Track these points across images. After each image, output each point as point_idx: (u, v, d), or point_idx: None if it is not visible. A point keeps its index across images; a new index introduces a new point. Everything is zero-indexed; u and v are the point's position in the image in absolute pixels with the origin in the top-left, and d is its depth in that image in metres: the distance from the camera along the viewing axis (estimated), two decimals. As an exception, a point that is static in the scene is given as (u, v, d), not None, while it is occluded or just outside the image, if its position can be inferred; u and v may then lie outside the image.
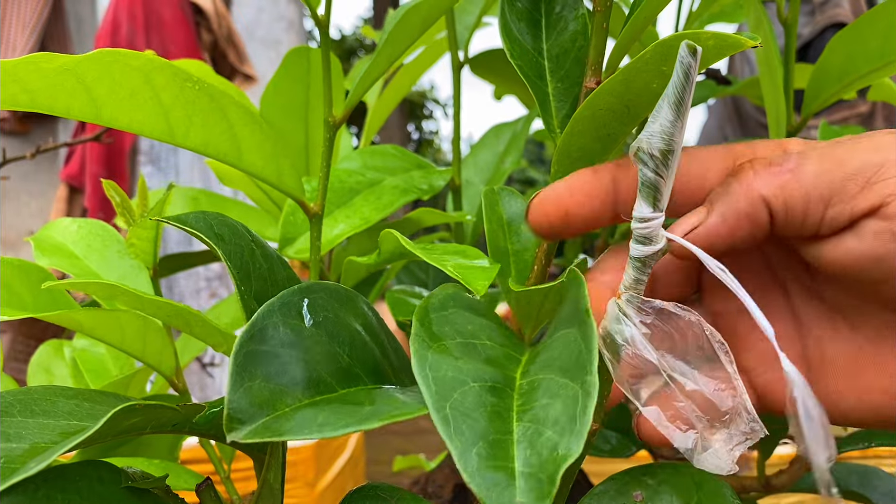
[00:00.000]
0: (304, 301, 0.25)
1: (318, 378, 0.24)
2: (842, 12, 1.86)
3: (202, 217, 0.30)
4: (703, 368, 0.24)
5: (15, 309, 0.36)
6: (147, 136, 0.30)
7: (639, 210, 0.23)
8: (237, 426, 0.21)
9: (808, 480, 0.47)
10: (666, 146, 0.22)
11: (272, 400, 0.22)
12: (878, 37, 0.41)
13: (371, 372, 0.26)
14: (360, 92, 0.36)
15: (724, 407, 0.24)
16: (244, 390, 0.21)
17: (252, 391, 0.22)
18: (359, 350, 0.26)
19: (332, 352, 0.25)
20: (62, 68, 0.27)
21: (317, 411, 0.22)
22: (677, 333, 0.24)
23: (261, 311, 0.24)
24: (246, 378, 0.22)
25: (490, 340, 0.25)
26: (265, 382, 0.22)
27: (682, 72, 0.21)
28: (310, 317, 0.25)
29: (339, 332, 0.26)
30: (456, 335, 0.24)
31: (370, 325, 0.28)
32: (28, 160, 0.71)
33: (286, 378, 0.23)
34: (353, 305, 0.28)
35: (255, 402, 0.21)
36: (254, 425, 0.21)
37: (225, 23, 2.33)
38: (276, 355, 0.23)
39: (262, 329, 0.23)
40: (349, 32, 11.89)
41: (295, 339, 0.24)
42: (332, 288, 0.27)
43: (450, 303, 0.26)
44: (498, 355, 0.24)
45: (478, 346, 0.24)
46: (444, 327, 0.24)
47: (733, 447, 0.23)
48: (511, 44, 0.34)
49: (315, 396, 0.23)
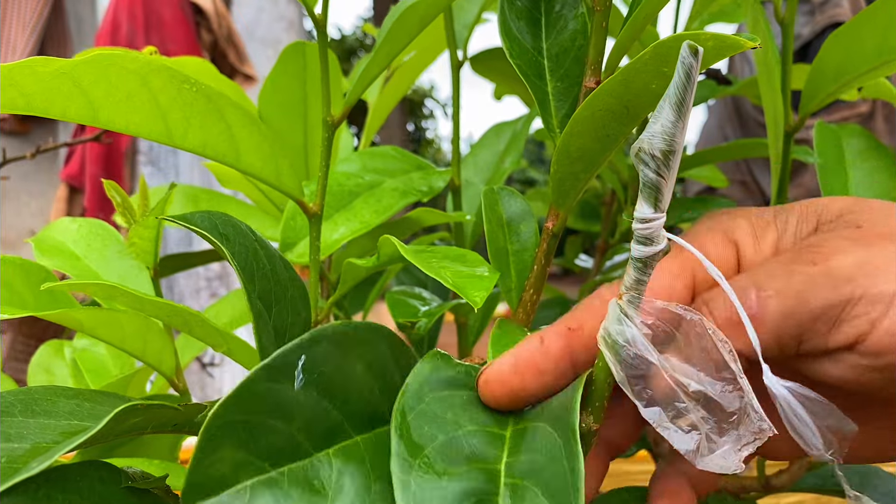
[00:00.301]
0: (300, 359, 0.24)
1: (293, 444, 0.23)
2: (841, 12, 1.86)
3: (207, 216, 0.30)
4: (708, 369, 0.24)
5: (15, 308, 0.36)
6: (145, 138, 0.30)
7: (640, 211, 0.23)
8: (193, 499, 0.20)
9: (808, 480, 0.47)
10: (667, 147, 0.22)
11: (235, 471, 0.21)
12: (874, 36, 0.41)
13: (364, 419, 0.26)
14: (359, 90, 0.36)
15: (732, 408, 0.23)
16: (207, 463, 0.21)
17: (214, 464, 0.21)
18: (353, 399, 0.26)
19: (319, 411, 0.24)
20: (58, 72, 0.27)
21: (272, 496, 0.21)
22: (680, 334, 0.24)
23: (249, 375, 0.23)
24: (210, 450, 0.21)
25: (471, 423, 0.25)
26: (233, 452, 0.22)
27: (683, 72, 0.21)
28: (302, 377, 0.24)
29: (334, 385, 0.25)
30: (437, 434, 0.24)
31: (377, 363, 0.27)
32: (28, 160, 0.71)
33: (256, 448, 0.22)
34: (361, 347, 0.27)
35: (215, 475, 0.21)
36: (208, 502, 0.21)
37: (225, 23, 2.33)
38: (251, 424, 0.22)
39: (244, 398, 0.23)
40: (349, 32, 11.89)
41: (278, 406, 0.23)
42: (338, 334, 0.26)
43: (425, 389, 0.26)
44: (481, 443, 0.24)
45: (460, 438, 0.24)
46: (424, 428, 0.24)
47: (742, 447, 0.23)
48: (510, 43, 0.34)
49: (283, 465, 0.22)
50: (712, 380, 0.24)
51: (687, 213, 0.65)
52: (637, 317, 0.24)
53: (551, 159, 0.31)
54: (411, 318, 0.41)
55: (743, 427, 0.23)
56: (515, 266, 0.37)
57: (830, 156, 0.52)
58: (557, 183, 0.32)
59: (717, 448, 0.23)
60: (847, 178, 0.52)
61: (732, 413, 0.23)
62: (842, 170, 0.52)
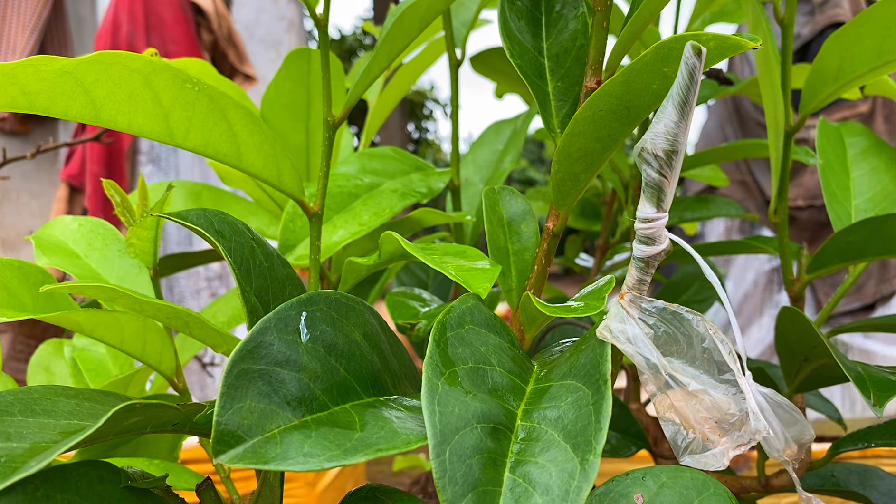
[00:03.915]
0: (301, 315, 0.25)
1: (310, 396, 0.23)
2: (841, 12, 1.86)
3: (203, 214, 0.30)
4: (710, 370, 0.24)
5: (14, 310, 0.36)
6: (147, 138, 0.30)
7: (642, 211, 0.23)
8: (224, 449, 0.21)
9: (808, 480, 0.47)
10: (670, 147, 0.22)
11: (261, 421, 0.22)
12: (874, 36, 0.41)
13: (369, 384, 0.26)
14: (360, 90, 0.36)
15: (732, 409, 0.24)
16: (234, 411, 0.21)
17: (242, 412, 0.21)
18: (357, 362, 0.26)
19: (328, 366, 0.25)
20: (61, 71, 0.27)
21: (304, 436, 0.22)
22: (681, 334, 0.24)
23: (256, 327, 0.24)
24: (236, 398, 0.22)
25: (499, 366, 0.25)
26: (256, 402, 0.22)
27: (686, 73, 0.21)
28: (307, 331, 0.25)
29: (337, 345, 0.26)
30: (469, 359, 0.24)
31: (371, 334, 0.28)
32: (28, 160, 0.71)
33: (277, 397, 0.22)
34: (354, 314, 0.28)
35: (244, 423, 0.21)
36: (241, 449, 0.21)
37: (225, 23, 2.33)
38: (269, 373, 0.23)
39: (257, 346, 0.23)
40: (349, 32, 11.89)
41: (290, 356, 0.24)
42: (332, 298, 0.27)
43: (467, 318, 0.26)
44: (503, 384, 0.24)
45: (487, 372, 0.25)
46: (459, 349, 0.25)
47: (737, 447, 0.23)
48: (511, 42, 0.34)
49: (306, 415, 0.23)
50: (714, 381, 0.24)
51: (687, 213, 0.65)
52: (639, 316, 0.24)
53: (552, 159, 0.31)
54: (411, 320, 0.41)
55: (744, 428, 0.23)
56: (516, 266, 0.37)
57: (832, 155, 0.52)
58: (558, 183, 0.32)
59: (714, 447, 0.23)
60: (848, 178, 0.51)
61: (733, 414, 0.23)
62: (843, 170, 0.52)
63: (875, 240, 0.43)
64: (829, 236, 0.46)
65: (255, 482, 0.31)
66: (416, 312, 0.44)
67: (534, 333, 0.34)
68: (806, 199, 1.87)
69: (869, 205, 0.50)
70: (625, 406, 0.50)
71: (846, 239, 0.45)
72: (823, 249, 0.47)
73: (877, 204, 0.50)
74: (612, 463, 0.57)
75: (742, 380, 0.23)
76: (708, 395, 0.24)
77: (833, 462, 0.47)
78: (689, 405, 0.24)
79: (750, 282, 2.06)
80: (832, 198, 0.50)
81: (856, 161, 0.52)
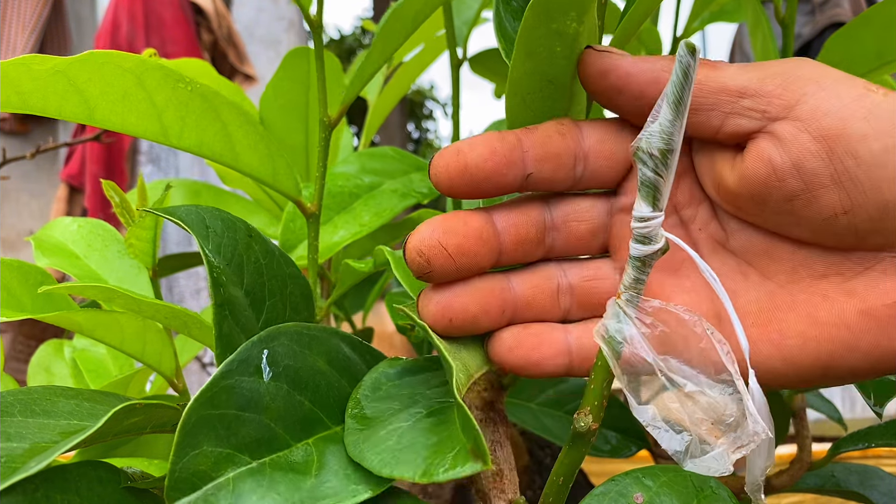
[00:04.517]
0: (263, 353, 0.25)
1: (270, 436, 0.23)
2: (842, 12, 1.86)
3: (194, 210, 0.30)
4: (706, 371, 0.24)
5: (13, 310, 0.36)
6: (141, 137, 0.30)
7: (638, 209, 0.23)
8: (178, 496, 0.20)
9: (809, 480, 0.47)
10: (665, 145, 0.22)
11: (217, 465, 0.21)
12: (874, 37, 0.41)
13: (337, 410, 0.26)
14: (356, 89, 0.36)
15: (728, 410, 0.23)
16: (189, 458, 0.21)
17: (197, 458, 0.21)
18: (322, 392, 0.26)
19: (291, 402, 0.25)
20: (53, 70, 0.27)
21: (257, 484, 0.21)
22: (678, 334, 0.24)
23: (219, 370, 0.23)
24: (190, 446, 0.21)
25: (429, 389, 0.26)
26: (212, 447, 0.22)
27: (681, 71, 0.21)
28: (269, 369, 0.25)
29: (302, 378, 0.26)
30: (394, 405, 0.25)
31: (339, 359, 0.28)
32: (28, 160, 0.71)
33: (235, 439, 0.22)
34: (318, 343, 0.27)
35: (199, 469, 0.21)
36: (193, 497, 0.20)
37: (225, 23, 2.33)
38: (227, 417, 0.22)
39: (218, 392, 0.23)
40: (348, 32, 11.89)
41: (251, 398, 0.23)
42: (293, 331, 0.27)
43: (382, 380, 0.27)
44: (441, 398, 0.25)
45: (419, 398, 0.25)
46: (381, 406, 0.25)
47: (736, 450, 0.23)
48: (506, 43, 0.34)
49: (265, 456, 0.23)
50: (710, 382, 0.24)
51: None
52: (635, 315, 0.24)
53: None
54: (411, 321, 0.41)
55: (740, 430, 0.23)
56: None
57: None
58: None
59: (712, 450, 0.23)
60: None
61: (730, 416, 0.23)
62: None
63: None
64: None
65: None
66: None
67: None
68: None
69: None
70: (624, 406, 0.50)
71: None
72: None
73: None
74: (612, 463, 0.57)
75: (740, 381, 0.23)
76: (704, 395, 0.24)
77: (833, 462, 0.47)
78: (686, 406, 0.24)
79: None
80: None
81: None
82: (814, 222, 0.24)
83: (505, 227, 0.27)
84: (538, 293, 0.27)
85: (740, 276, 0.26)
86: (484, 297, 0.26)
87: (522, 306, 0.27)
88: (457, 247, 0.25)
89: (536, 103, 0.27)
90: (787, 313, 0.25)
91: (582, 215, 0.28)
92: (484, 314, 0.26)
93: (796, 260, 0.25)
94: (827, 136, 0.23)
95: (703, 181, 0.27)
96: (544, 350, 0.27)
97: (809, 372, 0.24)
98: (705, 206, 0.27)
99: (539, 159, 0.26)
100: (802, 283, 0.25)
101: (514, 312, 0.27)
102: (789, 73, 0.24)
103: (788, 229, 0.25)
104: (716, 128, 0.25)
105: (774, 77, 0.24)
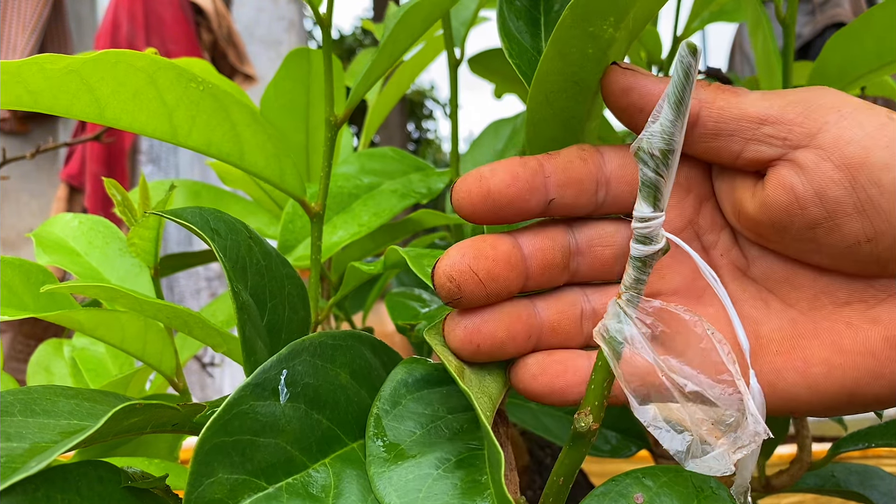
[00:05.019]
0: (282, 374, 0.24)
1: (287, 458, 0.23)
2: (842, 12, 1.86)
3: (198, 212, 0.30)
4: (707, 370, 0.24)
5: (15, 309, 0.36)
6: (150, 136, 0.30)
7: (639, 210, 0.23)
8: None
9: (808, 480, 0.47)
10: (666, 146, 0.22)
11: (232, 492, 0.21)
12: (875, 37, 0.41)
13: (355, 426, 0.26)
14: (362, 91, 0.36)
15: (729, 410, 0.23)
16: (204, 487, 0.21)
17: (213, 486, 0.21)
18: (342, 409, 0.26)
19: (309, 422, 0.24)
20: (67, 69, 0.27)
21: None
22: (679, 334, 0.24)
23: (232, 396, 0.23)
24: (207, 473, 0.21)
25: (451, 413, 0.25)
26: (227, 474, 0.21)
27: (682, 71, 0.21)
28: (287, 391, 0.24)
29: (321, 396, 0.25)
30: (416, 429, 0.25)
31: (361, 369, 0.27)
32: (28, 160, 0.71)
33: (251, 465, 0.22)
34: (341, 353, 0.27)
35: (214, 497, 0.21)
36: None
37: (225, 23, 2.33)
38: (242, 443, 0.22)
39: (231, 418, 0.23)
40: (348, 32, 11.89)
41: (266, 422, 0.23)
42: (316, 345, 0.26)
43: (402, 391, 0.26)
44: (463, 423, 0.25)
45: (441, 426, 0.24)
46: (401, 427, 0.25)
47: (737, 450, 0.23)
48: (510, 42, 0.34)
49: (281, 480, 0.22)
50: (711, 382, 0.24)
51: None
52: (636, 316, 0.24)
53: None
54: (411, 321, 0.41)
55: (741, 430, 0.23)
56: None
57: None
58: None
59: (713, 450, 0.23)
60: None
61: (731, 416, 0.23)
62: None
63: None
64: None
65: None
66: (415, 313, 0.44)
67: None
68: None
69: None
70: (625, 406, 0.50)
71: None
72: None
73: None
74: (612, 463, 0.57)
75: (741, 381, 0.23)
76: (704, 395, 0.24)
77: (833, 462, 0.47)
78: (686, 407, 0.24)
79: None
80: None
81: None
82: (836, 249, 0.24)
83: (531, 252, 0.26)
84: (563, 319, 0.27)
85: (762, 304, 0.26)
86: (511, 322, 0.26)
87: (547, 332, 0.27)
88: (487, 272, 0.25)
89: (560, 102, 0.27)
90: (811, 341, 0.25)
91: (606, 240, 0.27)
92: (511, 340, 0.26)
93: (818, 287, 0.25)
94: (850, 165, 0.23)
95: (723, 207, 0.27)
96: (569, 377, 0.26)
97: (835, 399, 0.24)
98: (727, 232, 0.27)
99: (561, 185, 0.26)
100: (825, 310, 0.25)
101: (539, 338, 0.27)
102: (811, 101, 0.24)
103: (810, 256, 0.25)
104: (735, 154, 0.25)
105: (796, 105, 0.24)
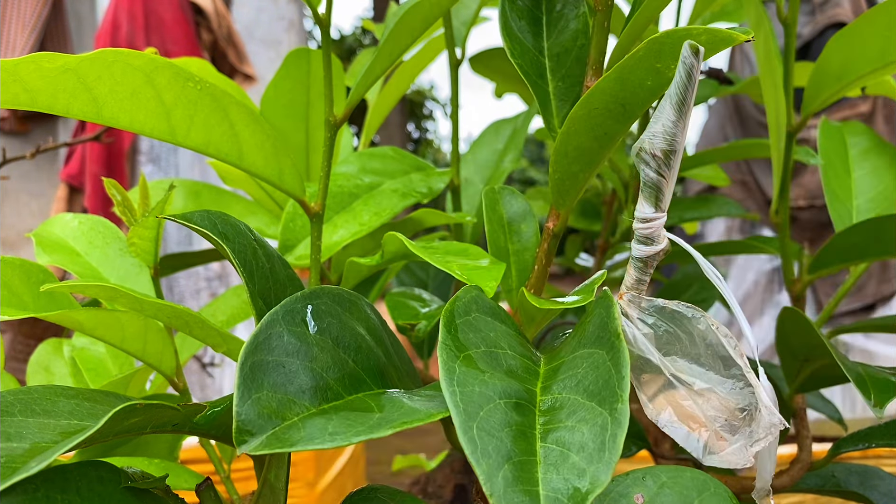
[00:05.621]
0: (307, 308, 0.25)
1: (325, 385, 0.24)
2: (842, 12, 1.86)
3: (207, 215, 0.30)
4: (716, 367, 0.24)
5: (15, 309, 0.36)
6: (148, 136, 0.30)
7: (641, 210, 0.23)
8: (247, 438, 0.21)
9: (809, 481, 0.47)
10: (668, 146, 0.22)
11: (280, 410, 0.22)
12: (877, 37, 0.41)
13: (377, 376, 0.26)
14: (362, 91, 0.36)
15: (742, 404, 0.23)
16: (252, 401, 0.21)
17: (260, 402, 0.22)
18: (364, 354, 0.26)
19: (337, 357, 0.25)
20: (64, 68, 0.27)
21: (326, 420, 0.22)
22: (682, 332, 0.24)
23: (265, 320, 0.24)
24: (253, 389, 0.22)
25: (510, 349, 0.25)
26: (272, 392, 0.22)
27: (684, 71, 0.21)
28: (314, 323, 0.25)
29: (344, 337, 0.26)
30: (480, 343, 0.24)
31: (374, 329, 0.28)
32: (28, 160, 0.71)
33: (293, 387, 0.23)
34: (356, 309, 0.28)
35: (263, 412, 0.21)
36: (264, 436, 0.21)
37: (225, 23, 2.33)
38: (281, 364, 0.23)
39: (267, 338, 0.23)
40: (348, 32, 11.88)
41: (300, 347, 0.24)
42: (335, 293, 0.27)
43: (472, 307, 0.27)
44: (517, 366, 0.25)
45: (500, 355, 0.25)
46: (470, 335, 0.25)
47: (754, 443, 0.23)
48: (511, 42, 0.34)
49: (323, 404, 0.23)
50: (720, 377, 0.24)
51: (687, 212, 0.65)
52: (638, 316, 0.24)
53: (550, 159, 0.31)
54: (411, 321, 0.41)
55: (755, 423, 0.23)
56: (516, 266, 0.37)
57: (833, 155, 0.52)
58: (557, 183, 0.32)
59: (729, 445, 0.23)
60: (850, 178, 0.51)
61: (743, 409, 0.23)
62: (845, 170, 0.52)
63: (876, 240, 0.43)
64: (831, 237, 0.46)
65: (255, 482, 0.31)
66: (416, 313, 0.44)
67: (534, 333, 0.34)
68: (807, 199, 1.87)
69: (870, 205, 0.50)
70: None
71: (847, 239, 0.45)
72: (824, 250, 0.47)
73: (878, 204, 0.50)
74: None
75: (751, 374, 0.23)
76: (715, 392, 0.23)
77: (833, 462, 0.47)
78: (698, 404, 0.24)
79: (750, 282, 2.06)
80: (833, 198, 0.50)
81: (857, 161, 0.52)
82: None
83: None
84: None
85: None
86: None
87: None
88: None
89: (599, 118, 0.28)
90: None
91: None
92: None
93: None
94: None
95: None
96: None
97: None
98: None
99: None
100: None
101: None
102: None
103: None
104: None
105: None
